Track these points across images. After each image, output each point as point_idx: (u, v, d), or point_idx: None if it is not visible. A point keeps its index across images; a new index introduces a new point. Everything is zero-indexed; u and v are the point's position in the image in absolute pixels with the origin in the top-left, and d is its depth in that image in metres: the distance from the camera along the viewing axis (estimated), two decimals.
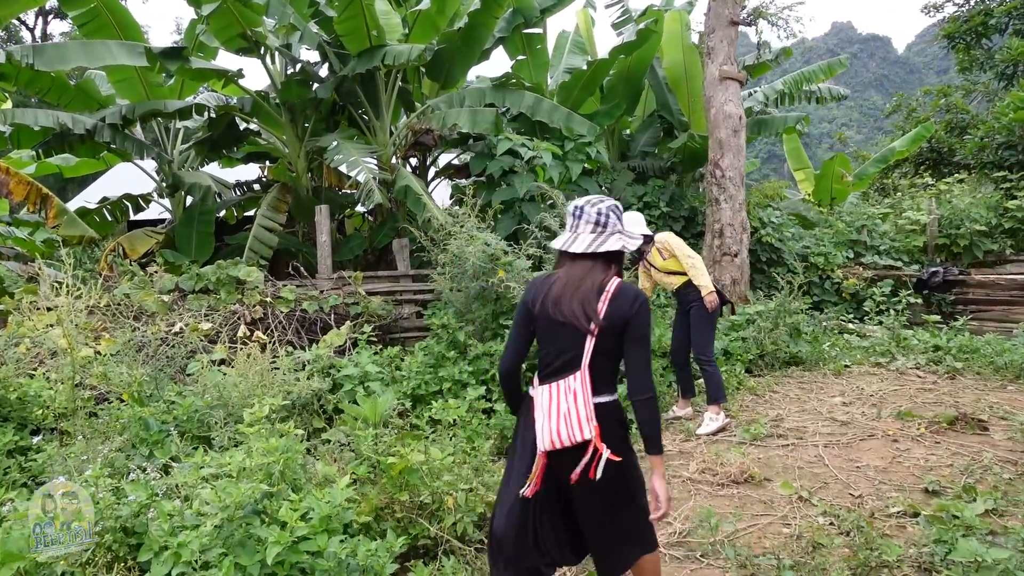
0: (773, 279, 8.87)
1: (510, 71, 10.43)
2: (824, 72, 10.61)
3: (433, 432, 4.61)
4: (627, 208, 9.96)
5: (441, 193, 11.66)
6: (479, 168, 8.77)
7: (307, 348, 6.22)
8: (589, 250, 2.40)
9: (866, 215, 10.20)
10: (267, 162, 11.58)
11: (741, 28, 9.10)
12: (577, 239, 2.44)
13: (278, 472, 2.98)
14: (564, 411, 2.32)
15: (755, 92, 10.93)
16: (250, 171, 13.02)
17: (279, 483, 2.96)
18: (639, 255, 5.81)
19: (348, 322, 6.91)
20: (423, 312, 7.85)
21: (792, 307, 7.16)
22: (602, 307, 2.34)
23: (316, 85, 9.17)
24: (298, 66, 9.50)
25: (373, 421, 4.16)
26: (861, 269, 9.65)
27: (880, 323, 8.35)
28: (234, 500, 2.64)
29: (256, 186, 11.09)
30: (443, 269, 7.15)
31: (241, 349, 5.15)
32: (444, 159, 11.64)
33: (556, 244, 2.48)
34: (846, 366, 7.09)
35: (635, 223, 5.20)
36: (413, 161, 10.92)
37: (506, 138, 8.31)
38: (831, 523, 3.69)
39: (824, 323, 8.44)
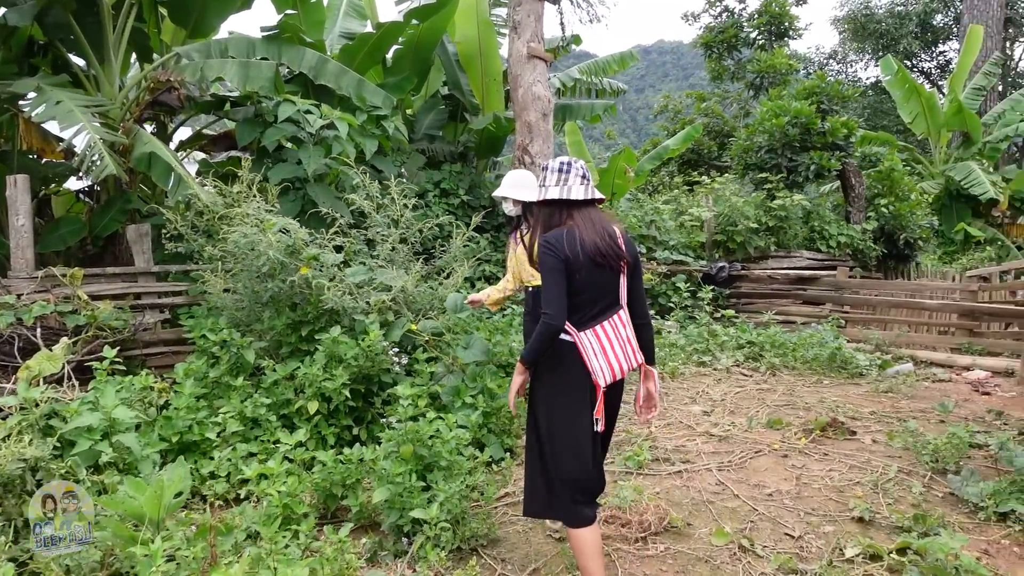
0: None
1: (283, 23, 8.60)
2: (617, 63, 10.45)
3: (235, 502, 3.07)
4: (420, 196, 8.79)
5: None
6: (250, 138, 6.96)
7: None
8: (594, 198, 2.65)
9: (654, 210, 10.22)
10: None
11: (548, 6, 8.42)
12: (585, 189, 2.63)
13: None
14: (620, 344, 2.62)
15: (551, 79, 10.41)
16: None
17: None
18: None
19: (65, 339, 4.86)
20: (173, 320, 5.95)
21: None
22: (624, 246, 2.65)
23: (4, 9, 6.59)
24: None
25: (154, 517, 2.53)
26: (655, 264, 9.57)
27: (692, 319, 8.23)
28: None
29: None
30: (215, 264, 5.39)
31: None
32: (194, 130, 9.40)
33: (576, 195, 2.60)
34: (677, 368, 6.70)
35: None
36: (149, 127, 8.58)
37: (288, 101, 6.64)
38: None
39: None
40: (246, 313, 5.12)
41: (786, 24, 16.04)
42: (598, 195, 2.67)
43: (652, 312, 9.13)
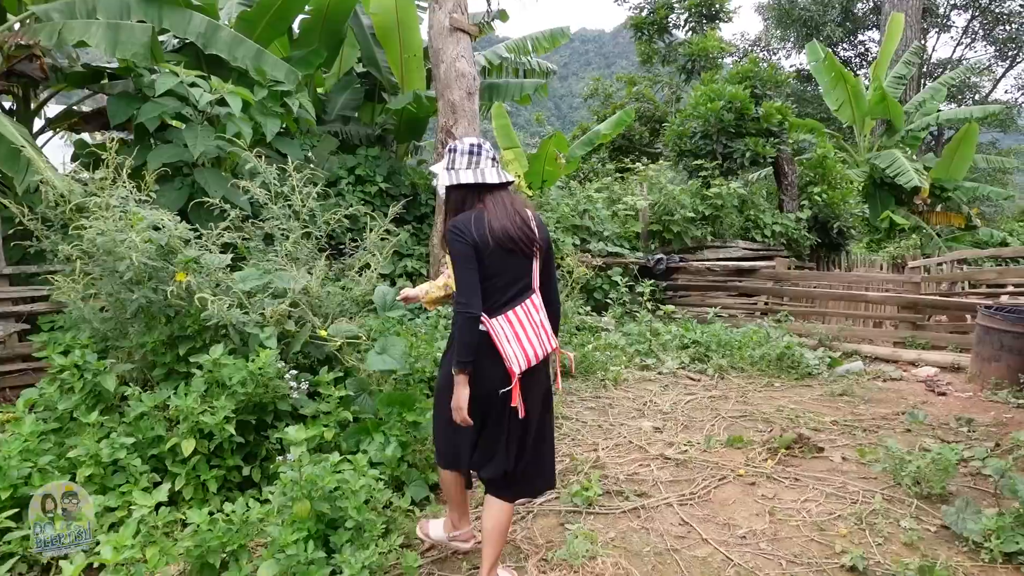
0: None
1: None
2: (548, 41, 9.75)
3: None
4: (332, 184, 7.90)
5: (57, 154, 8.22)
6: (124, 115, 5.94)
7: None
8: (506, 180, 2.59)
9: (587, 199, 9.61)
10: None
11: None
12: (497, 172, 2.57)
13: None
14: (534, 329, 2.56)
15: (476, 56, 9.62)
16: None
17: None
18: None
19: None
20: (31, 333, 4.97)
21: (566, 307, 5.96)
22: (536, 230, 2.61)
23: None
24: None
25: None
26: (590, 257, 8.98)
27: (630, 315, 7.68)
28: None
29: None
30: (71, 266, 4.43)
31: None
32: (59, 107, 8.16)
33: (490, 179, 2.54)
34: (620, 373, 6.11)
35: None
36: (7, 103, 7.35)
37: (170, 71, 5.64)
38: None
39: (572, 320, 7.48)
40: (112, 326, 4.20)
41: (716, 6, 15.75)
42: (509, 177, 2.62)
43: (588, 309, 8.56)
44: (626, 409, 5.22)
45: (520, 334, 2.51)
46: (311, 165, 7.36)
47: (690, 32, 15.59)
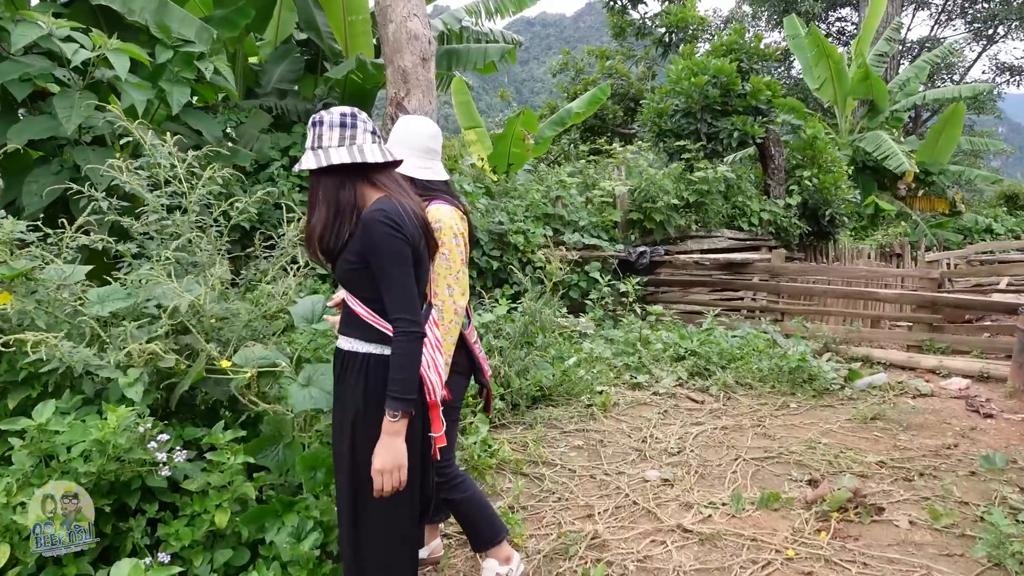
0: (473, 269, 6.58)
1: None
2: (513, 3, 8.60)
3: None
4: (263, 167, 6.68)
5: None
6: None
7: None
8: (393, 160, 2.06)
9: (559, 184, 8.53)
10: None
11: None
12: (380, 148, 2.01)
13: None
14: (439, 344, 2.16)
15: (432, 21, 8.41)
16: None
17: None
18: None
19: None
20: None
21: (545, 315, 4.90)
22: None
23: None
24: None
25: None
26: (563, 250, 7.92)
27: (612, 317, 6.65)
28: None
29: None
30: None
31: None
32: None
33: (373, 156, 1.96)
34: (608, 396, 5.06)
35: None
36: None
37: (31, 21, 4.37)
38: None
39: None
40: None
41: None
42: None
43: (563, 310, 7.50)
44: (622, 448, 4.17)
45: (438, 352, 2.09)
46: (230, 144, 6.15)
47: (666, 2, 14.52)
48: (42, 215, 5.01)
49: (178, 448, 2.58)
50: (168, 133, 3.81)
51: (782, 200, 10.04)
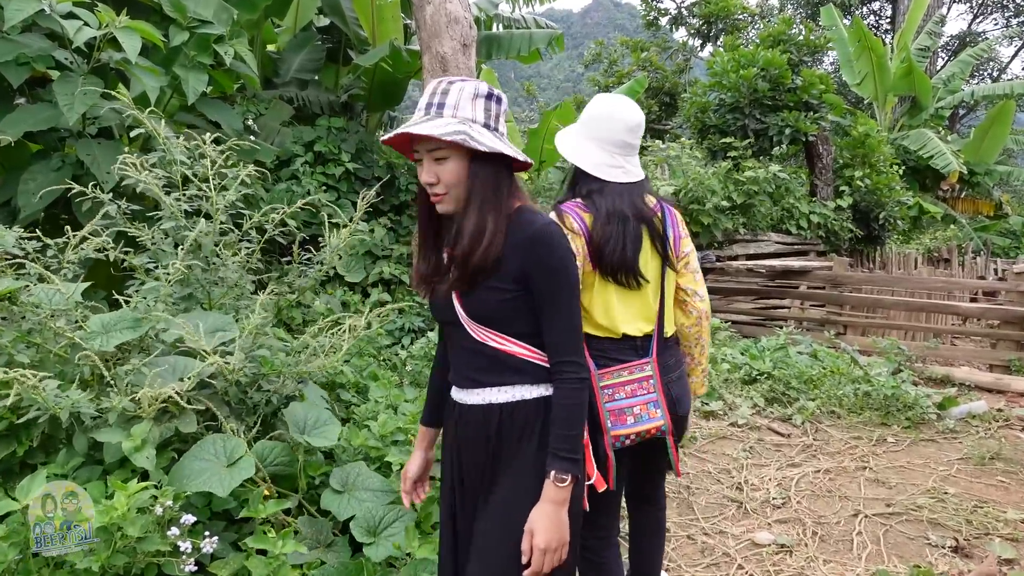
0: None
1: None
2: None
3: None
4: (284, 163, 6.09)
5: None
6: None
7: None
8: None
9: None
10: None
11: None
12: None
13: None
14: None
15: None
16: None
17: None
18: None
19: None
20: None
21: None
22: None
23: None
24: None
25: None
26: None
27: None
28: None
29: None
30: None
31: None
32: None
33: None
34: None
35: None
36: None
37: None
38: None
39: None
40: None
41: None
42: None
43: None
44: (715, 497, 3.56)
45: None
46: (252, 138, 5.57)
47: None
48: (42, 214, 4.45)
49: (206, 534, 1.98)
50: (182, 125, 3.24)
51: (831, 202, 9.40)
